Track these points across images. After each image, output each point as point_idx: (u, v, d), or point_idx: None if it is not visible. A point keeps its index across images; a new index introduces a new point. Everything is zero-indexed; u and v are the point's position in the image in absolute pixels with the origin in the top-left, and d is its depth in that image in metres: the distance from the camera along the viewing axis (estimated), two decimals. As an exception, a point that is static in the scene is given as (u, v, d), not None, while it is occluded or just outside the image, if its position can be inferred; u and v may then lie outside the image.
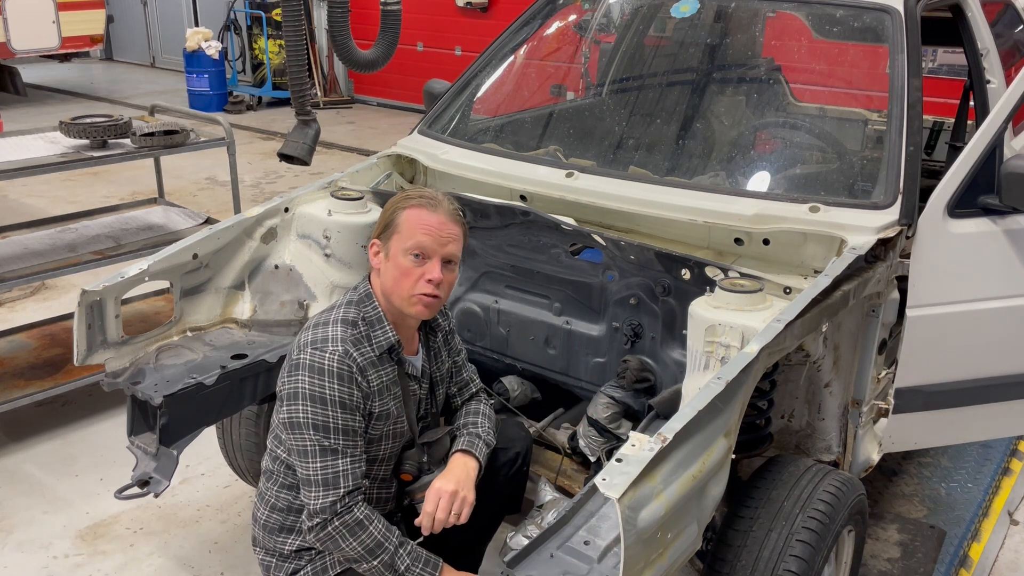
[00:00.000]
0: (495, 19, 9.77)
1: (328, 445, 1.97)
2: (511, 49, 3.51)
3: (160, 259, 2.58)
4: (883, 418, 2.68)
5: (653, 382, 2.52)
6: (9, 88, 10.40)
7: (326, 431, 1.97)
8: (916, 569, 3.04)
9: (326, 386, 1.98)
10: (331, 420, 1.98)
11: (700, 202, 2.59)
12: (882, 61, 2.82)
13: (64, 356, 3.98)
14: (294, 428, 2.00)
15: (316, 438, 1.97)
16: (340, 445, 1.98)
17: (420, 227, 2.04)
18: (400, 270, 2.05)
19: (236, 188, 4.49)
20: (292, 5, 4.11)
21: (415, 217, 2.05)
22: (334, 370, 1.98)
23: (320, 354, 1.99)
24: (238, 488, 3.47)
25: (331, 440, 1.97)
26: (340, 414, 1.98)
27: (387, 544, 1.99)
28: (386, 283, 2.08)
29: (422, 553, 2.04)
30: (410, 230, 2.04)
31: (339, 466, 1.97)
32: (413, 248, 2.04)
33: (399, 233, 2.05)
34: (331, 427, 1.98)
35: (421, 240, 2.04)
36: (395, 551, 1.99)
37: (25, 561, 3.10)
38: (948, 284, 2.56)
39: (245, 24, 11.38)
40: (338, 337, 2.02)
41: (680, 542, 1.79)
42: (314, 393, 1.98)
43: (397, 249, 2.05)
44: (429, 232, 2.04)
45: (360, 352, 2.03)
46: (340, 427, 1.98)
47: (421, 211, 2.05)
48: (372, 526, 1.98)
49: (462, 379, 2.42)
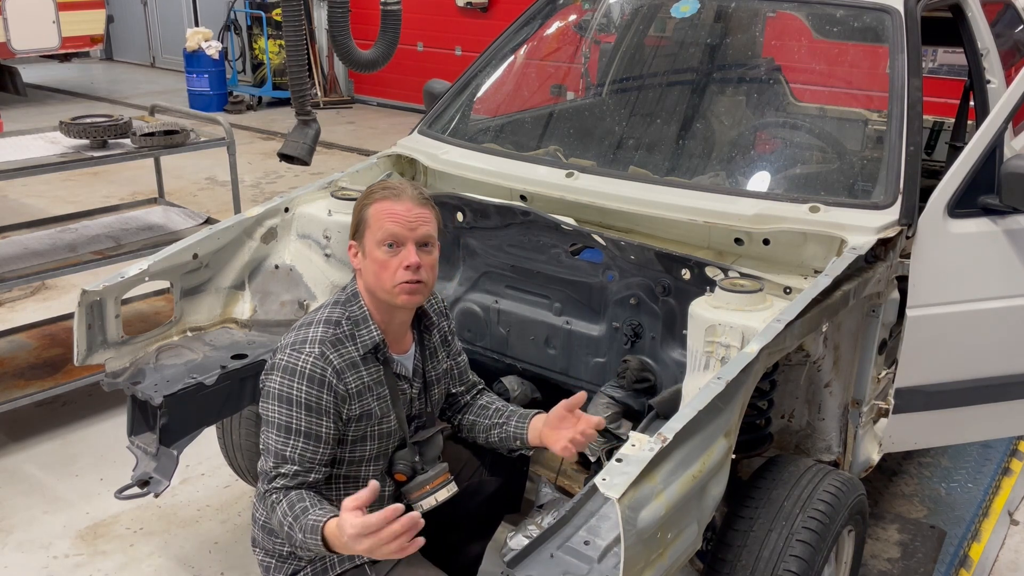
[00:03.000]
0: (495, 19, 9.77)
1: (288, 446, 2.00)
2: (511, 49, 3.50)
3: (160, 259, 2.58)
4: (883, 418, 2.68)
5: (653, 382, 2.52)
6: (9, 88, 10.40)
7: (288, 431, 2.00)
8: (916, 569, 3.04)
9: (294, 387, 2.00)
10: (294, 421, 2.00)
11: (700, 202, 2.58)
12: (882, 61, 2.82)
13: (64, 356, 3.98)
14: (266, 424, 2.04)
15: (277, 436, 2.01)
16: (299, 449, 2.00)
17: (387, 217, 2.05)
18: (377, 263, 2.06)
19: (236, 188, 4.49)
20: (292, 5, 4.12)
21: (381, 209, 2.06)
22: (306, 372, 2.00)
23: (296, 355, 2.02)
24: (238, 488, 3.47)
25: (292, 441, 2.00)
26: (304, 416, 2.00)
27: (288, 522, 1.91)
28: (368, 281, 2.09)
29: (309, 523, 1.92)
30: (378, 222, 2.05)
31: (289, 469, 1.99)
32: (384, 239, 2.05)
33: (369, 228, 2.07)
34: (292, 428, 2.00)
35: (390, 229, 2.04)
36: (290, 528, 1.91)
37: (25, 561, 3.10)
38: (948, 284, 2.56)
39: (245, 24, 11.38)
40: (316, 338, 2.04)
41: (680, 542, 1.78)
42: (282, 393, 2.01)
43: (371, 244, 2.06)
44: (396, 220, 2.05)
45: (339, 353, 2.04)
46: (302, 430, 2.00)
47: (385, 202, 2.07)
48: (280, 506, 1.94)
49: (469, 380, 2.43)
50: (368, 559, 2.11)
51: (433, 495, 2.15)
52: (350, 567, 2.10)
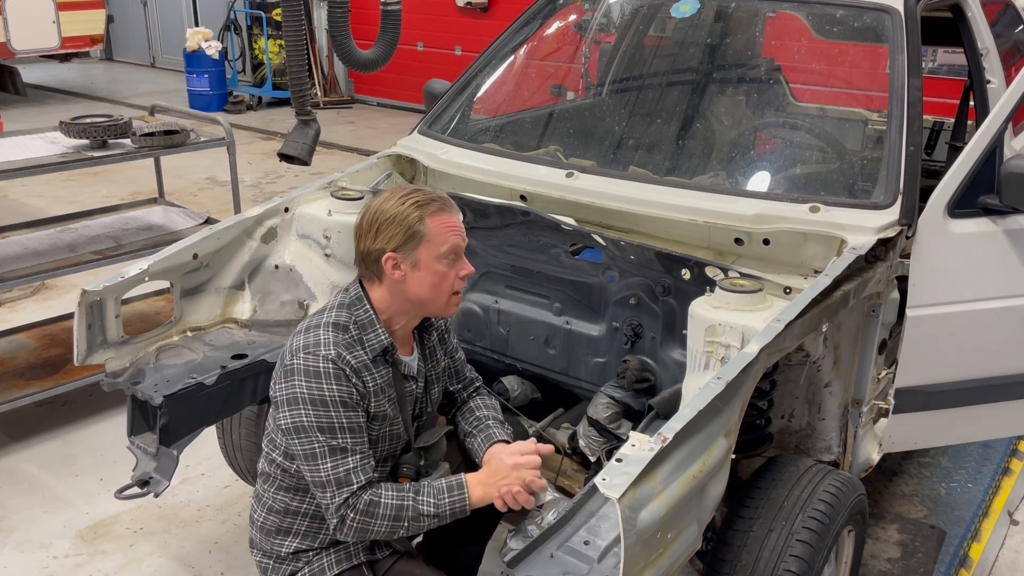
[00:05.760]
0: (495, 19, 9.77)
1: (337, 445, 1.97)
2: (511, 49, 3.50)
3: (160, 259, 2.58)
4: (883, 418, 2.68)
5: (653, 382, 2.52)
6: (9, 88, 10.41)
7: (332, 432, 1.97)
8: (916, 569, 3.04)
9: (324, 388, 1.97)
10: (335, 420, 1.98)
11: (700, 202, 2.58)
12: (882, 61, 2.82)
13: (64, 356, 3.98)
14: (299, 433, 1.98)
15: (323, 439, 1.97)
16: (348, 443, 1.98)
17: (450, 231, 2.06)
18: (438, 276, 2.06)
19: (236, 188, 4.49)
20: (292, 5, 4.12)
21: (442, 222, 2.06)
22: (330, 371, 1.98)
23: (313, 358, 1.99)
24: (238, 488, 3.47)
25: (339, 440, 1.98)
26: (343, 412, 1.99)
27: (405, 503, 1.99)
28: (420, 292, 2.08)
29: (442, 485, 2.04)
30: (441, 236, 2.05)
31: (349, 463, 1.97)
32: (449, 253, 2.06)
33: (429, 242, 2.04)
34: (336, 427, 1.98)
35: (456, 242, 2.07)
36: (415, 503, 2.00)
37: (25, 561, 3.10)
38: (948, 284, 2.56)
39: (245, 24, 11.38)
40: (330, 341, 2.02)
41: (680, 542, 1.79)
42: (314, 397, 1.97)
43: (429, 258, 2.05)
44: (459, 233, 2.08)
45: (353, 355, 2.03)
46: (345, 425, 1.98)
47: (442, 215, 2.06)
48: (383, 499, 1.98)
49: (466, 378, 2.43)
50: (365, 559, 2.11)
51: (434, 496, 2.15)
52: (348, 567, 2.10)
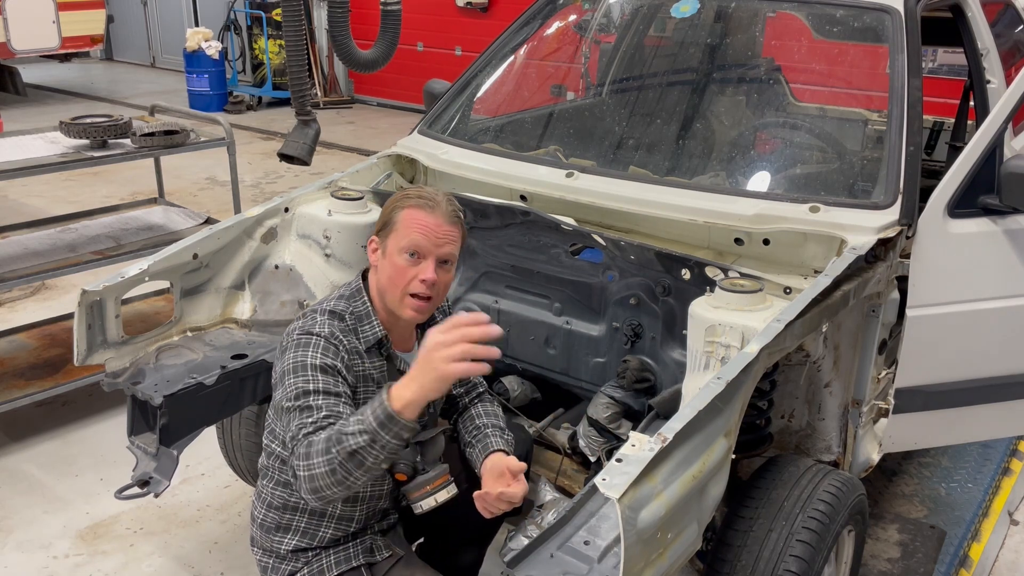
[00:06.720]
0: (495, 19, 9.77)
1: (305, 403, 1.92)
2: (511, 49, 3.50)
3: (160, 259, 2.58)
4: (883, 418, 2.68)
5: (653, 382, 2.52)
6: (9, 88, 10.40)
7: (306, 394, 1.94)
8: (916, 569, 3.04)
9: (308, 355, 1.97)
10: (311, 383, 1.94)
11: (700, 202, 2.58)
12: (882, 61, 2.82)
13: (64, 356, 3.98)
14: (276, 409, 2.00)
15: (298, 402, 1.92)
16: (319, 403, 1.92)
17: (416, 226, 2.04)
18: (395, 268, 2.05)
19: (236, 188, 4.49)
20: (292, 5, 4.11)
21: (412, 217, 2.05)
22: (320, 344, 1.99)
23: (307, 336, 2.00)
24: (238, 488, 3.47)
25: (310, 399, 1.93)
26: (321, 377, 1.95)
27: (331, 433, 1.86)
28: (381, 280, 2.09)
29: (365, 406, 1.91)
30: (406, 229, 2.04)
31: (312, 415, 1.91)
32: (408, 247, 2.04)
33: (396, 231, 2.05)
34: (311, 390, 1.94)
35: (416, 239, 2.03)
36: (340, 426, 1.86)
37: (25, 561, 3.10)
38: (948, 284, 2.56)
39: (245, 24, 11.37)
40: (325, 323, 2.03)
41: (680, 542, 1.78)
42: (297, 364, 1.97)
43: (393, 247, 2.05)
44: (425, 232, 2.04)
45: (347, 340, 2.04)
46: (320, 389, 1.94)
47: (418, 211, 2.05)
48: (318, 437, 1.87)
49: (469, 383, 2.42)
50: (364, 561, 2.11)
51: (433, 496, 2.15)
52: (347, 569, 2.10)
